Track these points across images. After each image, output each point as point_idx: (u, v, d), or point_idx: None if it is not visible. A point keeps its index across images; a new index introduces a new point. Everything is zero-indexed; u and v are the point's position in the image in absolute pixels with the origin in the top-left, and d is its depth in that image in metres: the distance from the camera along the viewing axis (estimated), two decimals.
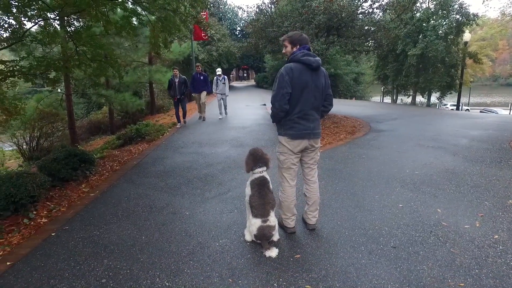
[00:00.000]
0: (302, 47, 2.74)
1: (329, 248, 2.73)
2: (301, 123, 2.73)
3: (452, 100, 25.12)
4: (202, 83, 10.01)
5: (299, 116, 2.71)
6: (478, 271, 2.34)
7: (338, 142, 6.85)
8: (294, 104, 2.69)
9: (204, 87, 10.07)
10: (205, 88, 10.09)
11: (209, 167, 5.28)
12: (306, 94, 2.68)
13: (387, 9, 9.44)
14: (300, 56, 2.68)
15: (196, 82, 9.99)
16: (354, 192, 3.95)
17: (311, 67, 2.67)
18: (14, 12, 5.29)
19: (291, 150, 2.80)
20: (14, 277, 2.51)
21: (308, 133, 2.75)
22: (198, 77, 10.04)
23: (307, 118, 2.73)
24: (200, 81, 9.99)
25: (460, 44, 19.12)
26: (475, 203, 3.51)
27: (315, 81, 2.70)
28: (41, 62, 5.68)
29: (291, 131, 2.75)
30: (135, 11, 6.13)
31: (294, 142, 2.77)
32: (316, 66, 2.67)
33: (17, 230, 3.35)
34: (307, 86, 2.67)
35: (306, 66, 2.67)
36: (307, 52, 2.70)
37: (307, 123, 2.74)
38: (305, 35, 2.83)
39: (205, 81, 10.10)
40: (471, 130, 7.72)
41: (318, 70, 2.73)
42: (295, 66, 2.67)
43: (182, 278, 2.40)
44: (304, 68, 2.66)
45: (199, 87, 10.00)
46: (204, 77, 10.11)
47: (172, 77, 9.16)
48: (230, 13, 36.40)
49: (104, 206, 3.89)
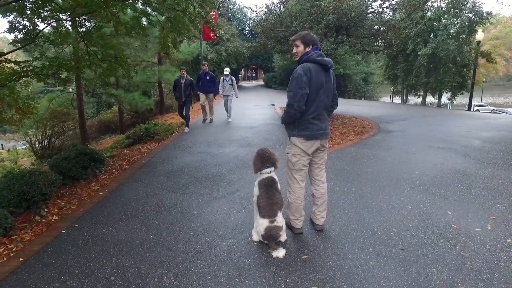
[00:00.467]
0: (315, 47, 2.74)
1: (336, 249, 2.72)
2: (315, 123, 2.73)
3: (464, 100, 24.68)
4: (209, 84, 9.31)
5: (313, 116, 2.71)
6: (490, 276, 2.30)
7: (346, 143, 6.80)
8: (309, 104, 2.69)
9: (211, 89, 9.38)
10: (212, 89, 9.40)
11: (217, 167, 5.30)
12: (321, 94, 2.70)
13: (397, 9, 9.32)
14: (316, 56, 2.68)
15: (202, 82, 9.27)
16: (362, 193, 3.91)
17: (325, 68, 2.69)
18: (28, 13, 5.41)
19: (304, 151, 2.78)
20: (27, 273, 2.57)
21: (321, 133, 2.77)
22: (205, 77, 9.28)
23: (320, 119, 2.75)
24: (206, 82, 9.25)
25: (472, 44, 18.77)
26: (487, 206, 3.44)
27: (327, 82, 2.73)
28: (53, 63, 5.79)
29: (305, 132, 2.73)
30: (145, 12, 6.20)
31: (308, 143, 2.76)
32: (330, 67, 2.73)
33: (29, 227, 3.42)
34: (322, 87, 2.69)
35: (321, 67, 2.67)
36: (321, 53, 2.73)
37: (320, 123, 2.75)
38: (315, 36, 2.83)
39: (213, 81, 9.40)
40: (483, 131, 7.57)
41: (329, 71, 2.76)
42: (312, 66, 2.66)
43: (190, 277, 2.42)
44: (319, 69, 2.67)
45: (205, 88, 9.30)
46: (211, 77, 9.36)
47: (179, 78, 8.48)
48: (239, 13, 36.47)
49: (113, 204, 3.94)
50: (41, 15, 5.61)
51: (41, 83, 6.17)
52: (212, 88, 9.42)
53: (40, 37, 5.60)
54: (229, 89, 9.57)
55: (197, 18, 6.11)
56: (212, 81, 9.38)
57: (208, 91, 9.36)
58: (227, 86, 9.56)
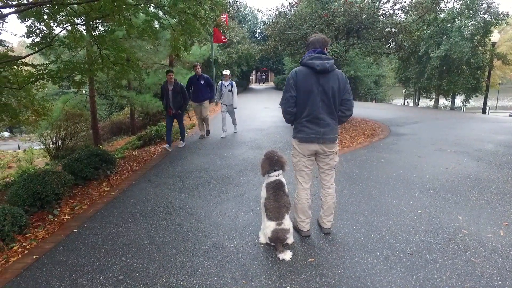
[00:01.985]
0: (312, 50, 2.72)
1: (343, 252, 2.70)
2: (309, 127, 2.71)
3: (479, 103, 24.14)
4: (203, 90, 7.52)
5: (308, 120, 2.71)
6: (502, 283, 2.25)
7: (356, 146, 6.74)
8: (302, 107, 2.69)
9: (205, 95, 7.58)
10: (206, 95, 7.61)
11: (226, 169, 5.34)
12: (313, 98, 2.66)
13: (409, 11, 9.22)
14: (306, 59, 2.67)
15: (194, 88, 7.50)
16: (371, 197, 3.88)
17: (315, 70, 2.62)
18: (45, 18, 5.58)
19: (301, 153, 2.81)
20: (40, 270, 2.64)
21: (317, 137, 2.71)
22: (198, 81, 7.45)
23: (317, 123, 2.70)
24: (200, 87, 7.46)
25: (487, 45, 18.36)
26: (500, 211, 3.36)
27: (323, 85, 2.64)
28: (67, 66, 5.95)
29: (299, 134, 2.77)
30: (157, 15, 6.31)
31: (302, 146, 2.78)
32: (321, 70, 2.60)
33: (42, 226, 3.51)
34: (313, 91, 2.64)
35: (311, 70, 2.64)
36: (315, 55, 2.66)
37: (316, 127, 2.70)
38: (319, 37, 2.75)
39: (208, 86, 7.62)
40: (497, 135, 7.40)
41: (327, 73, 2.65)
42: (300, 69, 2.68)
43: (197, 278, 2.45)
44: (309, 72, 2.64)
45: (198, 94, 7.48)
46: (206, 81, 7.56)
47: (165, 83, 6.79)
48: (250, 16, 36.63)
49: (124, 205, 4.01)
50: (57, 19, 5.78)
51: (56, 86, 6.36)
52: (208, 94, 7.67)
53: (56, 40, 5.76)
54: (229, 97, 7.87)
55: (208, 21, 6.19)
56: (207, 86, 7.63)
57: (202, 98, 7.57)
58: (226, 93, 7.79)
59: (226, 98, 7.86)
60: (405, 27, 8.58)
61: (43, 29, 5.80)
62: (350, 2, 7.84)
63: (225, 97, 7.85)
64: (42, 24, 5.73)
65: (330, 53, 7.84)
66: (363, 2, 8.43)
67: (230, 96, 7.83)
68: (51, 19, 5.64)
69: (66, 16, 5.81)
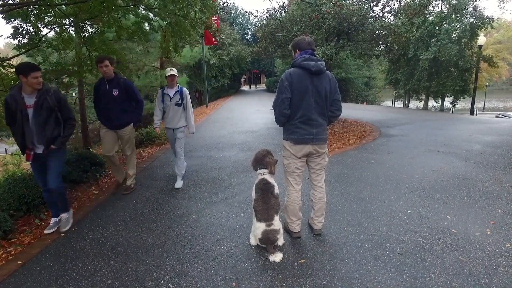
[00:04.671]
0: (304, 51, 2.73)
1: (334, 253, 2.71)
2: (303, 127, 2.72)
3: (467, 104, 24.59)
4: (117, 107, 4.17)
5: (301, 121, 2.72)
6: (488, 281, 2.28)
7: (347, 147, 6.79)
8: (295, 109, 2.70)
9: (124, 116, 4.25)
10: (126, 117, 4.27)
11: (217, 171, 5.31)
12: (307, 99, 2.67)
13: (398, 13, 9.35)
14: (300, 61, 2.67)
15: (102, 101, 4.18)
16: (361, 197, 3.90)
17: (310, 72, 2.64)
18: (32, 19, 5.48)
19: (294, 154, 2.81)
20: (24, 276, 2.58)
21: (310, 138, 2.73)
22: (108, 90, 4.12)
23: (310, 123, 2.72)
24: (111, 100, 4.13)
25: (474, 48, 18.74)
26: (487, 210, 3.42)
27: (316, 86, 2.66)
28: (55, 67, 5.86)
29: (293, 136, 2.77)
30: (147, 17, 6.26)
31: (296, 147, 2.78)
32: (316, 71, 2.62)
33: (28, 230, 3.43)
34: (307, 91, 2.66)
35: (305, 71, 2.65)
36: (308, 57, 2.68)
37: (309, 128, 2.72)
38: (307, 39, 2.78)
39: (127, 97, 4.23)
40: (484, 135, 7.54)
41: (320, 74, 2.68)
42: (294, 71, 2.68)
43: (186, 281, 2.42)
44: (303, 73, 2.65)
45: (110, 115, 4.20)
46: (123, 89, 4.15)
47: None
48: (242, 18, 36.70)
49: (113, 208, 3.95)
50: (45, 20, 5.69)
51: None
52: (127, 114, 4.27)
53: (43, 42, 5.67)
54: (180, 114, 4.58)
55: (198, 23, 6.16)
56: (126, 98, 4.22)
57: (117, 122, 4.24)
58: (172, 109, 4.53)
59: (172, 117, 4.53)
60: (394, 30, 8.70)
61: (30, 30, 5.70)
62: (340, 5, 7.91)
63: (170, 116, 4.53)
64: (29, 25, 5.64)
65: (321, 55, 7.89)
66: (353, 4, 8.52)
67: (179, 113, 4.53)
68: (39, 20, 5.55)
69: (54, 17, 5.73)
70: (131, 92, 4.21)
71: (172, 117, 4.57)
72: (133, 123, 4.40)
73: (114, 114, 4.18)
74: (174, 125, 4.60)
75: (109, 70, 4.05)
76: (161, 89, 4.75)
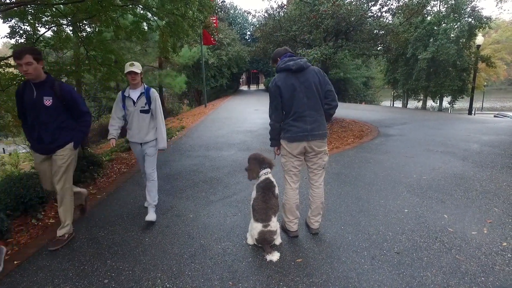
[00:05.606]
0: (283, 56, 2.83)
1: (331, 252, 2.71)
2: (296, 125, 2.72)
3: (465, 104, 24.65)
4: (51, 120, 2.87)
5: (294, 118, 2.73)
6: (484, 279, 2.28)
7: (345, 147, 6.79)
8: (288, 108, 2.74)
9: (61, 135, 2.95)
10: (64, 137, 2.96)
11: (215, 171, 5.31)
12: (297, 97, 2.69)
13: (396, 13, 9.36)
14: (281, 64, 2.76)
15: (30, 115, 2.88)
16: (359, 197, 3.90)
17: (292, 71, 2.70)
18: (30, 19, 5.47)
19: (290, 152, 2.81)
20: (20, 276, 2.57)
21: (305, 135, 2.71)
22: (36, 98, 2.82)
23: (303, 120, 2.71)
24: (42, 112, 2.84)
25: (472, 48, 18.79)
26: (484, 209, 3.42)
27: (303, 82, 2.70)
28: (53, 67, 5.84)
29: (288, 134, 2.77)
30: (145, 16, 6.25)
31: (291, 145, 2.78)
32: (296, 68, 2.68)
33: (25, 230, 3.42)
34: (295, 89, 2.69)
35: (288, 72, 2.72)
36: (287, 59, 2.76)
37: (303, 125, 2.71)
38: (283, 47, 2.94)
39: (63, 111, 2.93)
40: (482, 135, 7.55)
41: (303, 71, 2.71)
42: (278, 76, 2.76)
43: (183, 280, 2.42)
44: (287, 74, 2.72)
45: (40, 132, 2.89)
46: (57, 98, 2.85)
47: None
48: (240, 18, 36.71)
49: (110, 208, 3.95)
50: (42, 20, 5.67)
51: None
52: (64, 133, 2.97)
53: (41, 41, 5.65)
54: (145, 124, 3.49)
55: (196, 22, 6.15)
56: (62, 108, 2.92)
57: (53, 145, 2.94)
58: (137, 115, 3.47)
59: (138, 128, 3.48)
60: (392, 29, 8.72)
61: (28, 30, 5.68)
62: (338, 4, 7.91)
63: (135, 126, 3.48)
64: (26, 24, 5.62)
65: (319, 55, 7.89)
66: (351, 4, 8.52)
67: (147, 121, 3.47)
68: (36, 19, 5.53)
69: (51, 16, 5.71)
70: (70, 101, 2.90)
71: (138, 128, 3.41)
72: (74, 142, 3.01)
73: (48, 133, 2.86)
74: (142, 138, 3.44)
75: (33, 70, 2.70)
76: (121, 91, 3.52)
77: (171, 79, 14.09)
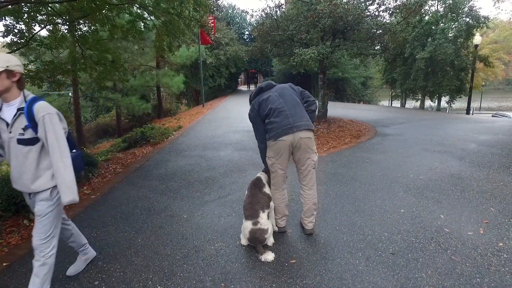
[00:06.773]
0: (258, 89, 2.96)
1: (325, 253, 2.67)
2: (277, 120, 2.69)
3: (463, 104, 24.67)
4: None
5: (274, 115, 2.72)
6: (480, 280, 2.25)
7: (342, 146, 6.76)
8: (268, 111, 2.77)
9: None
10: None
11: (210, 171, 5.27)
12: (272, 100, 2.78)
13: (394, 12, 9.33)
14: (253, 96, 2.97)
15: None
16: (355, 197, 3.87)
17: (262, 90, 2.90)
18: (25, 17, 5.42)
19: (276, 152, 2.76)
20: (9, 278, 2.53)
21: (288, 127, 2.65)
22: None
23: (284, 114, 2.69)
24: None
25: (470, 47, 18.78)
26: (480, 209, 3.40)
27: (276, 90, 2.85)
28: (48, 66, 5.80)
29: (272, 133, 2.72)
30: (141, 16, 6.20)
31: (277, 143, 2.71)
32: (266, 85, 2.92)
33: (16, 231, 3.38)
34: (269, 96, 2.81)
35: (260, 92, 2.91)
36: (256, 91, 2.96)
37: (284, 119, 2.68)
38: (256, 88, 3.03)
39: None
40: (480, 134, 7.54)
41: (273, 86, 2.91)
42: (254, 101, 2.90)
43: (175, 282, 2.38)
44: (259, 95, 2.89)
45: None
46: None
47: None
48: (238, 18, 36.61)
49: (104, 208, 3.90)
50: (38, 19, 5.62)
51: (37, 87, 6.16)
52: None
53: (35, 40, 5.60)
54: (26, 162, 1.99)
55: (192, 21, 6.11)
56: None
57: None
58: (14, 147, 1.97)
59: (17, 168, 2.03)
60: (390, 29, 8.69)
61: (22, 29, 5.64)
62: (336, 3, 7.88)
63: (13, 163, 2.04)
64: (21, 23, 5.57)
65: (316, 54, 7.85)
66: (348, 3, 8.49)
67: (32, 159, 2.00)
68: (31, 18, 5.49)
69: (47, 15, 5.66)
70: None
71: (17, 168, 2.03)
72: None
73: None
74: (26, 185, 2.06)
75: None
76: None
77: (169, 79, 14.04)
